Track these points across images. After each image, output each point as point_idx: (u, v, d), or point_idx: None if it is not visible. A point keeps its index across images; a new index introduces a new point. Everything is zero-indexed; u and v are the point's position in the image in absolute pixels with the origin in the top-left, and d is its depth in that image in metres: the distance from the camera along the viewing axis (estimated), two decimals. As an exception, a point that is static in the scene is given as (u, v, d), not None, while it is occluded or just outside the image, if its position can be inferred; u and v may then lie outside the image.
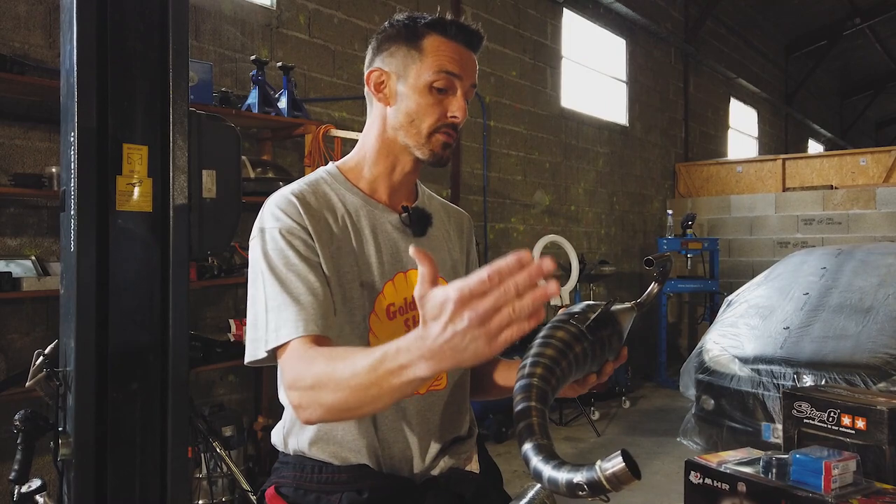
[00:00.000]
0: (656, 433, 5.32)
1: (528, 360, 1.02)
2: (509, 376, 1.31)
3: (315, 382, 0.99)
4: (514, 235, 6.43)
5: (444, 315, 0.78)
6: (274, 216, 1.17)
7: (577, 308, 1.11)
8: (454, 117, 1.21)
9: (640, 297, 1.25)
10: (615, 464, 0.82)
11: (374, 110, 1.27)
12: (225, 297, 3.98)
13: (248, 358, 1.13)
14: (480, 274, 0.76)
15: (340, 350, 1.04)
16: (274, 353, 1.09)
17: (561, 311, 1.12)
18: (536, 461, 0.88)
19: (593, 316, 1.07)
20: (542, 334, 1.05)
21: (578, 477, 0.84)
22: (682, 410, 5.14)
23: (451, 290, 0.77)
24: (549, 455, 0.88)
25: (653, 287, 1.24)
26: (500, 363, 1.38)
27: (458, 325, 0.77)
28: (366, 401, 0.93)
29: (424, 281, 0.82)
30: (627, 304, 1.18)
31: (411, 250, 0.85)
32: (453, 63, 1.20)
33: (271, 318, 1.09)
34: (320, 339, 1.08)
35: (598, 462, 0.83)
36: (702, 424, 4.48)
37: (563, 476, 0.85)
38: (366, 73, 1.26)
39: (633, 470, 0.82)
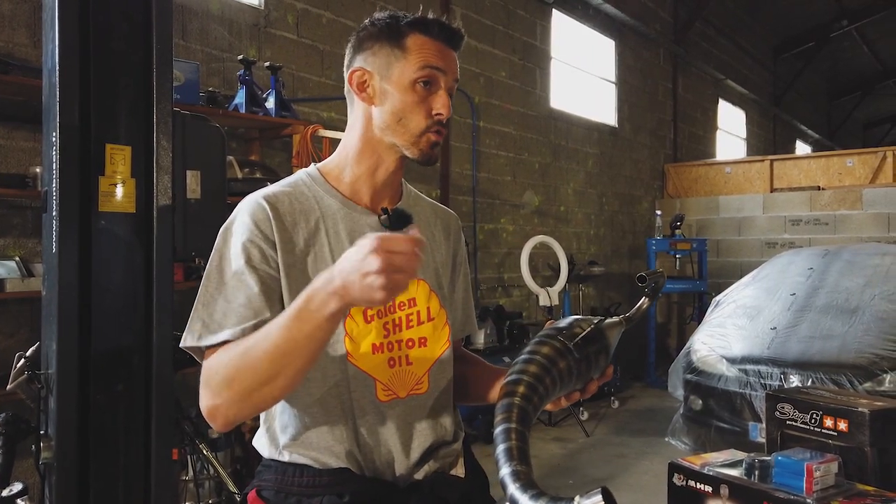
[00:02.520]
0: (645, 433, 5.33)
1: (512, 377, 1.02)
2: (493, 385, 1.30)
3: (228, 371, 1.05)
4: (504, 236, 6.43)
5: (359, 254, 0.93)
6: (241, 221, 1.18)
7: (564, 323, 1.10)
8: (439, 114, 1.20)
9: (630, 312, 1.24)
10: (594, 502, 0.81)
11: (357, 110, 1.26)
12: (212, 297, 3.95)
13: (182, 342, 1.15)
14: (402, 237, 0.93)
15: (249, 336, 1.08)
16: (199, 350, 1.14)
17: (548, 325, 1.11)
18: (514, 488, 0.87)
19: (581, 333, 1.06)
20: (527, 349, 1.05)
21: None
22: (670, 410, 5.15)
23: (371, 237, 0.93)
24: (527, 483, 0.88)
25: (643, 302, 1.24)
26: (485, 369, 1.38)
27: (364, 267, 0.92)
28: (282, 363, 1.01)
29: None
30: (616, 319, 1.17)
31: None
32: (436, 58, 1.20)
33: (206, 319, 1.13)
34: None
35: (577, 497, 0.82)
36: (690, 424, 4.50)
37: None
38: (347, 73, 1.25)
39: None
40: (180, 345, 1.14)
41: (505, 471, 0.89)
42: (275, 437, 1.21)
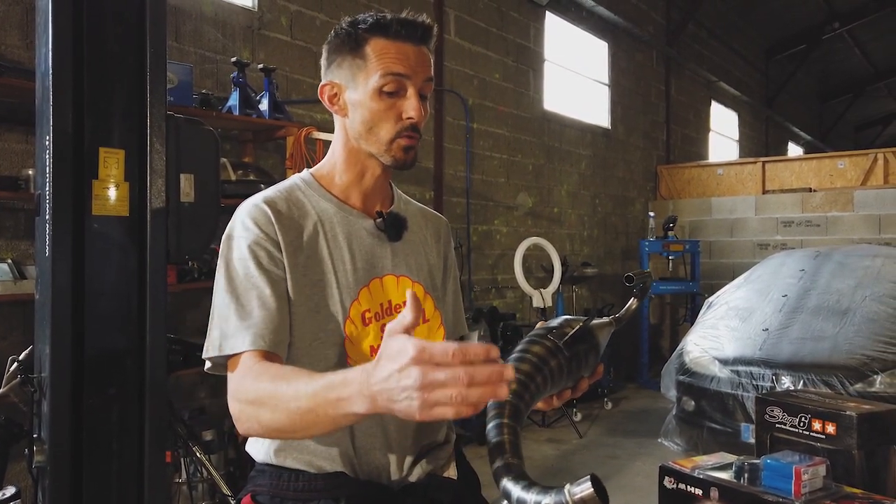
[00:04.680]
0: (638, 434, 5.35)
1: None
2: None
3: (256, 398, 1.03)
4: (497, 237, 6.44)
5: (396, 363, 0.80)
6: (243, 225, 1.18)
7: (554, 322, 1.11)
8: (410, 118, 1.19)
9: (619, 312, 1.26)
10: (584, 489, 0.82)
11: (337, 121, 1.28)
12: (205, 299, 3.95)
13: (204, 353, 1.14)
14: (447, 346, 0.78)
15: (287, 370, 1.06)
16: (223, 361, 1.13)
17: (539, 325, 1.13)
18: (506, 480, 0.89)
19: (571, 332, 1.07)
20: (518, 348, 1.06)
21: (547, 500, 0.84)
22: (663, 411, 5.17)
23: (411, 345, 0.79)
24: (519, 475, 0.89)
25: (632, 302, 1.25)
26: None
27: (402, 380, 0.79)
28: (301, 426, 0.97)
29: (401, 323, 0.85)
30: (605, 320, 1.19)
31: (408, 296, 0.87)
32: (398, 64, 1.17)
33: (223, 327, 1.12)
34: (269, 355, 1.10)
35: (567, 485, 0.84)
36: (682, 425, 4.52)
37: (531, 497, 0.86)
38: (319, 87, 1.26)
39: (601, 495, 0.82)
40: (203, 355, 1.13)
41: (498, 464, 0.91)
42: (270, 442, 1.21)
